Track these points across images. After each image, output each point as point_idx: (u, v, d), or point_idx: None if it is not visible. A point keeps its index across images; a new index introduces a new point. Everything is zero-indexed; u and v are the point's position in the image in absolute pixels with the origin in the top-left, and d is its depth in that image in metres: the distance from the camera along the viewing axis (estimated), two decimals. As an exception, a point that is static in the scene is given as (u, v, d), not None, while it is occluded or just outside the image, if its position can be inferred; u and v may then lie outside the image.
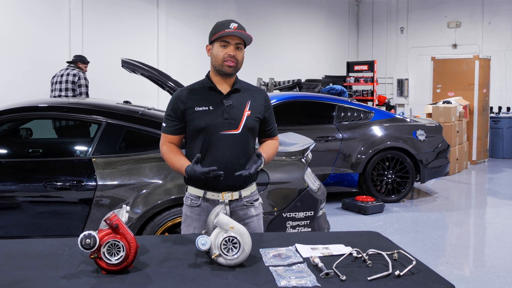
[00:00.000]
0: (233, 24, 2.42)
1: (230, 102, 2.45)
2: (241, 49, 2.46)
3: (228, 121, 2.43)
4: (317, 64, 14.34)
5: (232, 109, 2.44)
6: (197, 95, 2.47)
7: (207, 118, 2.42)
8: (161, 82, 4.79)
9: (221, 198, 2.44)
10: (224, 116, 2.43)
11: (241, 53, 2.46)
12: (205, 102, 2.44)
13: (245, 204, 2.52)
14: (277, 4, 13.35)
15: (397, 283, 1.82)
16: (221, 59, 2.42)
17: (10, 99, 5.21)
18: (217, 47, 2.44)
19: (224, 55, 2.42)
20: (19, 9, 8.56)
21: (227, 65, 2.42)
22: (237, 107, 2.46)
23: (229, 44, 2.42)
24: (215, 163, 2.39)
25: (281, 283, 1.81)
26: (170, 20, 10.88)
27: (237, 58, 2.44)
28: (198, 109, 2.43)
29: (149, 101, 7.84)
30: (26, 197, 3.59)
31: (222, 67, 2.43)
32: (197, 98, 2.46)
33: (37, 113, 4.04)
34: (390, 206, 6.73)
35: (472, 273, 4.52)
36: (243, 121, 2.45)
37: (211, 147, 2.42)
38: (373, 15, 15.64)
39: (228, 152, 2.42)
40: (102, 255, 1.91)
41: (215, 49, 2.45)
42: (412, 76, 14.65)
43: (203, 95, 2.47)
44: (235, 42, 2.42)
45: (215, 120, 2.41)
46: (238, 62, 2.45)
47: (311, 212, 3.77)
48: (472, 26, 13.51)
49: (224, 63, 2.42)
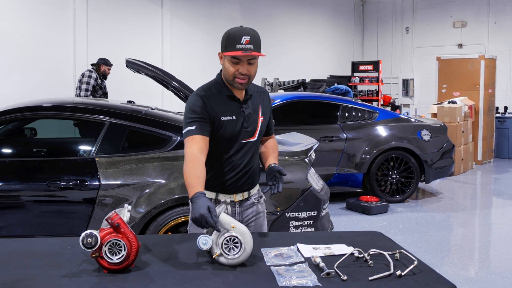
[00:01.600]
0: (245, 38, 2.25)
1: (249, 110, 2.42)
2: (254, 63, 2.34)
3: (246, 129, 2.42)
4: (322, 64, 14.32)
5: (250, 117, 2.43)
6: (219, 102, 2.37)
7: (231, 128, 2.38)
8: (165, 82, 4.80)
9: (233, 199, 2.47)
10: (244, 125, 2.41)
11: (254, 67, 2.34)
12: (228, 112, 2.37)
13: (254, 201, 2.55)
14: (282, 4, 13.35)
15: (399, 283, 1.81)
16: (232, 76, 2.32)
17: (14, 98, 5.24)
18: (228, 61, 2.31)
19: (235, 72, 2.30)
20: (24, 9, 8.59)
21: (238, 82, 2.32)
22: (253, 114, 2.44)
23: (241, 61, 2.29)
24: (233, 170, 2.42)
25: (282, 283, 1.80)
26: (175, 20, 10.89)
27: (249, 74, 2.33)
28: (224, 119, 2.36)
29: (153, 101, 7.85)
30: (30, 197, 3.60)
31: (234, 83, 2.34)
32: (219, 106, 2.36)
33: (41, 113, 4.06)
34: (394, 206, 6.71)
35: (477, 274, 4.50)
36: (259, 128, 2.46)
37: (232, 155, 2.42)
38: (378, 15, 15.61)
39: (245, 159, 2.44)
40: (104, 254, 1.92)
41: (226, 63, 2.33)
42: (417, 76, 14.61)
43: (224, 103, 2.38)
44: (247, 59, 2.29)
45: (236, 129, 2.39)
46: (250, 77, 2.35)
47: (314, 212, 3.76)
48: (477, 26, 13.46)
49: (235, 79, 2.32)
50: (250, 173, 2.47)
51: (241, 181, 2.46)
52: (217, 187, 2.44)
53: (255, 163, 2.51)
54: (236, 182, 2.45)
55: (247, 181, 2.48)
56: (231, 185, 2.44)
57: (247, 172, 2.46)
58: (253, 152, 2.49)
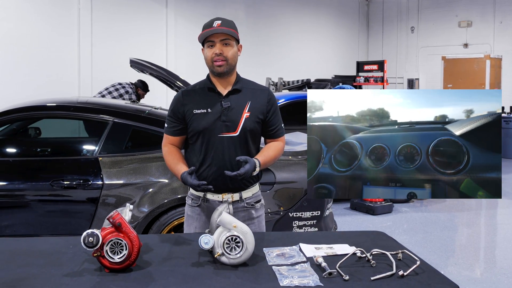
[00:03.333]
0: (216, 22, 2.38)
1: (228, 104, 2.41)
2: (230, 44, 2.38)
3: (226, 123, 2.40)
4: (327, 63, 14.29)
5: (230, 111, 2.40)
6: (197, 96, 2.45)
7: (205, 120, 2.39)
8: (169, 82, 4.80)
9: (221, 199, 2.43)
10: (222, 118, 2.39)
11: (230, 48, 2.38)
12: (204, 104, 2.41)
13: (246, 206, 2.49)
14: (286, 3, 13.33)
15: (401, 283, 1.80)
16: (210, 60, 2.39)
17: (19, 98, 5.24)
18: (206, 48, 2.41)
19: (212, 55, 2.37)
20: (29, 10, 8.62)
21: (216, 65, 2.37)
22: (235, 108, 2.41)
23: (215, 43, 2.36)
24: (214, 165, 2.39)
25: (284, 283, 1.80)
26: (179, 20, 10.90)
27: (225, 55, 2.37)
28: (196, 112, 2.41)
29: (157, 101, 7.84)
30: (33, 196, 3.61)
31: (213, 68, 2.40)
32: (196, 100, 2.44)
33: (44, 112, 4.07)
34: (399, 207, 6.69)
35: (481, 274, 4.48)
36: (241, 123, 2.41)
37: (210, 150, 2.41)
38: (383, 14, 15.57)
39: (228, 154, 2.40)
40: (105, 253, 1.92)
41: (204, 51, 2.43)
42: (422, 75, 14.55)
43: (202, 97, 2.44)
44: (220, 39, 2.36)
45: (212, 122, 2.39)
46: (228, 59, 2.38)
47: (318, 212, 3.75)
48: (483, 25, 13.39)
49: (213, 64, 2.38)
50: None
51: (227, 180, 2.37)
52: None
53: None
54: (219, 180, 2.37)
55: (235, 180, 2.36)
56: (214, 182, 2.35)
57: (231, 170, 2.33)
58: (238, 150, 2.40)
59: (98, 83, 8.77)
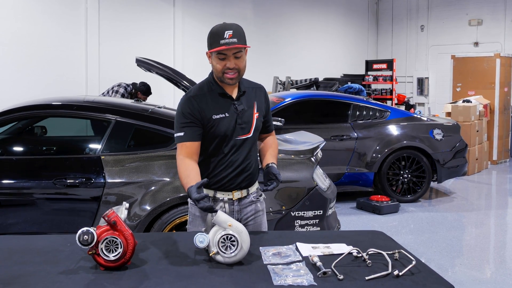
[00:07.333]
0: (227, 32, 2.25)
1: (242, 107, 2.42)
2: (241, 56, 2.32)
3: (241, 126, 2.41)
4: (336, 62, 14.23)
5: (244, 114, 2.42)
6: (210, 101, 2.38)
7: (224, 125, 2.37)
8: (176, 81, 4.81)
9: (231, 197, 2.44)
10: (238, 121, 2.40)
11: (241, 60, 2.33)
12: (220, 109, 2.37)
13: (253, 200, 2.52)
14: (295, 2, 13.29)
15: (396, 283, 1.78)
16: (221, 72, 2.33)
17: (27, 97, 5.28)
18: (215, 58, 2.32)
19: (223, 68, 2.31)
20: (37, 10, 8.67)
21: (228, 77, 2.33)
22: (247, 110, 2.44)
23: (227, 56, 2.29)
24: (229, 167, 2.41)
25: (277, 282, 1.79)
26: (187, 19, 10.91)
27: (238, 68, 2.33)
28: (215, 117, 2.36)
29: (164, 100, 7.86)
30: (36, 194, 3.62)
31: (224, 79, 2.35)
32: (211, 105, 2.37)
33: (49, 111, 4.09)
34: (405, 206, 6.64)
35: (488, 275, 4.43)
36: (254, 124, 2.45)
37: (225, 153, 2.41)
38: (392, 13, 15.46)
39: (241, 155, 2.43)
40: (100, 251, 1.92)
41: (213, 61, 2.33)
42: (432, 74, 14.44)
43: (216, 101, 2.39)
44: (232, 53, 2.29)
45: (230, 126, 2.38)
46: (240, 71, 2.35)
47: (320, 211, 3.73)
48: (494, 23, 13.25)
49: (224, 75, 2.33)
50: (247, 170, 2.45)
51: (239, 179, 2.44)
52: (214, 185, 2.43)
53: (253, 160, 2.49)
54: (233, 180, 2.43)
55: (245, 178, 2.46)
56: (228, 183, 2.42)
57: (244, 169, 2.44)
58: (250, 148, 2.46)
59: (105, 82, 8.81)
